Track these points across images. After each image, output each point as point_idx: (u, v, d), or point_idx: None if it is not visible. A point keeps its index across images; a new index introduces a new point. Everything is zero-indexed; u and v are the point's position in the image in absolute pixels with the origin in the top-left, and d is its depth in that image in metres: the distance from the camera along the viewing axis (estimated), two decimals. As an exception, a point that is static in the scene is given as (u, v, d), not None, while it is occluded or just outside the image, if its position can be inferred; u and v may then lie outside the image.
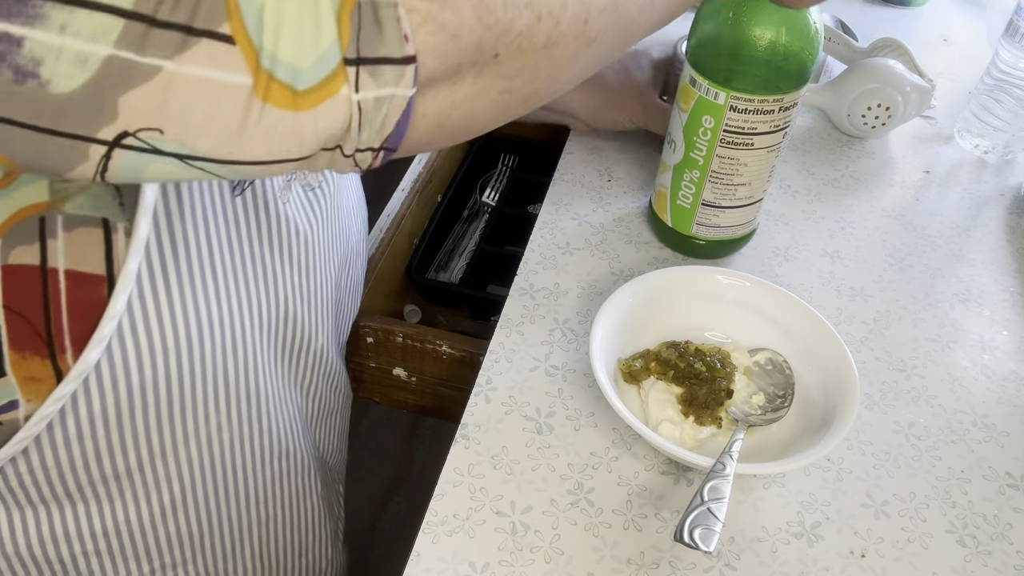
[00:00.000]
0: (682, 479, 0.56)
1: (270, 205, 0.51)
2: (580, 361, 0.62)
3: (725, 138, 0.62)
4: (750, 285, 0.63)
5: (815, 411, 0.57)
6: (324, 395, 0.67)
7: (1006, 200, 0.82)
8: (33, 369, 0.42)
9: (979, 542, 0.53)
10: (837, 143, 0.88)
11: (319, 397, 0.66)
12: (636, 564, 0.51)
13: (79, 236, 0.41)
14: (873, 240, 0.76)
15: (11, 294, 0.41)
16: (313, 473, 0.65)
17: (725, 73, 0.61)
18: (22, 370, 0.42)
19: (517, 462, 0.55)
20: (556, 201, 0.77)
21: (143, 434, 0.49)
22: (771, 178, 0.67)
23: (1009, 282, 0.73)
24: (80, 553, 0.52)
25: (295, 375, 0.61)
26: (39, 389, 0.43)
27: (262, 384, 0.55)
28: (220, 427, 0.53)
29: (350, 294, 0.70)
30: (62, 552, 0.51)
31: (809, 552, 0.52)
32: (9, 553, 0.50)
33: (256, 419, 0.56)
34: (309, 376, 0.63)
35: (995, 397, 0.63)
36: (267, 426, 0.57)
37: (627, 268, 0.71)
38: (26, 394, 0.43)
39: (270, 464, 0.59)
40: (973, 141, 0.88)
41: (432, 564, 0.50)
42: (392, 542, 1.50)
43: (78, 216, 0.41)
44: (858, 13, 1.12)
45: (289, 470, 0.61)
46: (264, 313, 0.53)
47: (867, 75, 0.84)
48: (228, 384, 0.52)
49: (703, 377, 0.58)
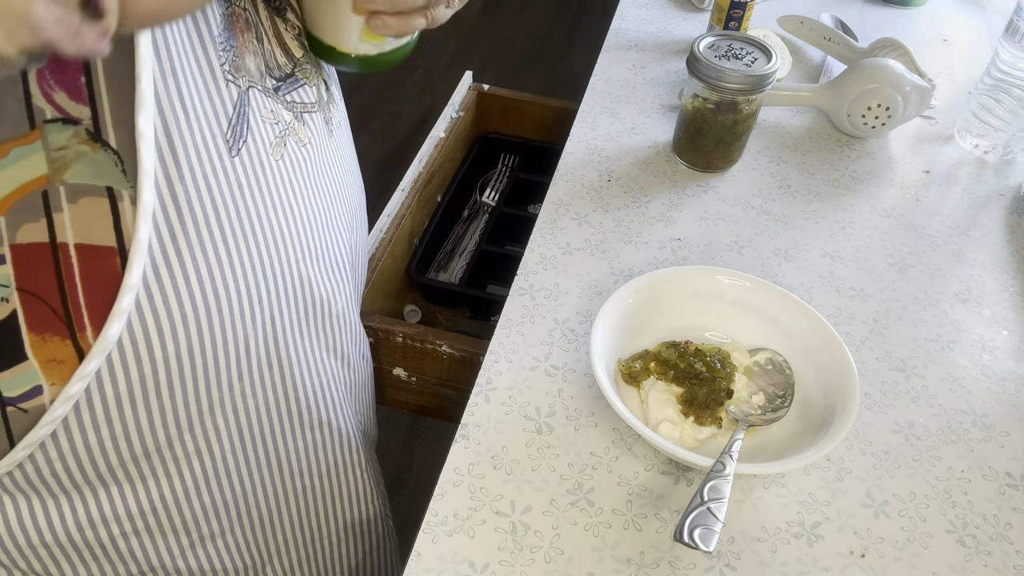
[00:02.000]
0: (682, 479, 0.56)
1: (266, 165, 0.50)
2: (580, 361, 0.62)
3: None
4: (750, 285, 0.63)
5: (815, 411, 0.57)
6: (356, 363, 0.66)
7: (1006, 200, 0.82)
8: (54, 351, 0.42)
9: (979, 542, 0.53)
10: (837, 143, 0.88)
11: (352, 366, 0.65)
12: (636, 564, 0.51)
13: (85, 207, 0.41)
14: (873, 240, 0.76)
15: (24, 275, 0.40)
16: (355, 446, 0.64)
17: None
18: (43, 353, 0.42)
19: (517, 462, 0.55)
20: (556, 201, 0.77)
21: (170, 410, 0.49)
22: None
23: (1009, 282, 0.73)
24: (119, 535, 0.52)
25: (326, 341, 0.60)
26: (62, 371, 0.43)
27: (285, 350, 0.55)
28: (244, 394, 0.53)
29: (360, 263, 0.69)
30: (101, 535, 0.51)
31: (809, 552, 0.52)
32: (48, 541, 0.50)
33: (282, 385, 0.55)
34: (338, 341, 0.62)
35: (995, 397, 0.63)
36: (295, 393, 0.57)
37: (627, 268, 0.71)
38: (49, 378, 0.43)
39: (302, 433, 0.59)
40: (973, 141, 0.88)
41: (432, 564, 0.50)
42: (392, 542, 1.50)
43: (81, 186, 0.41)
44: (858, 13, 1.12)
45: (325, 441, 0.61)
46: (278, 276, 0.53)
47: (867, 75, 0.84)
48: (250, 350, 0.52)
49: (703, 377, 0.58)
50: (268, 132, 0.50)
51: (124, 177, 0.42)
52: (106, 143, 0.41)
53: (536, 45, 2.75)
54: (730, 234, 0.75)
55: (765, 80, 0.75)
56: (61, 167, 0.40)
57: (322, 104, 0.58)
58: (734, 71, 0.74)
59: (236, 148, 0.47)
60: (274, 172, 0.51)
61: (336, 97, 0.62)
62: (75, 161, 0.40)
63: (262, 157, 0.50)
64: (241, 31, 0.48)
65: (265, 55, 0.51)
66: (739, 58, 0.76)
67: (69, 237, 0.41)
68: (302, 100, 0.54)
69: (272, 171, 0.51)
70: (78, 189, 0.41)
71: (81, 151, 0.40)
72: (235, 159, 0.47)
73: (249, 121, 0.48)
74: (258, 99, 0.49)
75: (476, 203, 1.03)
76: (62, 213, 0.40)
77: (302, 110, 0.54)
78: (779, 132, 0.88)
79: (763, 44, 0.77)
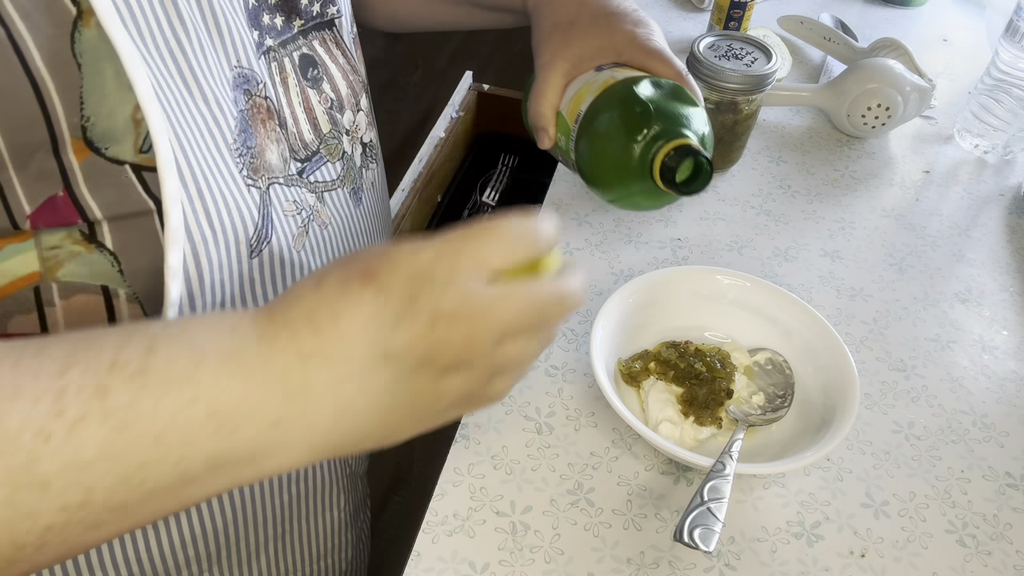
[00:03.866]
0: (682, 479, 0.56)
1: (286, 259, 0.49)
2: (580, 361, 0.62)
3: None
4: (750, 285, 0.63)
5: (815, 411, 0.57)
6: None
7: (1006, 200, 0.82)
8: None
9: (979, 542, 0.53)
10: (837, 143, 0.88)
11: None
12: (636, 564, 0.51)
13: (78, 303, 0.40)
14: (873, 240, 0.76)
15: None
16: (335, 490, 0.64)
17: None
18: None
19: (517, 462, 0.55)
20: (556, 201, 0.77)
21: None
22: None
23: (1009, 282, 0.73)
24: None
25: None
26: None
27: None
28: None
29: None
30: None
31: (809, 552, 0.52)
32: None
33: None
34: None
35: (995, 397, 0.63)
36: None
37: (627, 268, 0.71)
38: None
39: (287, 488, 0.58)
40: (973, 141, 0.88)
41: (432, 564, 0.50)
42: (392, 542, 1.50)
43: (75, 284, 0.40)
44: (858, 13, 1.12)
45: (307, 491, 0.60)
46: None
47: (867, 75, 0.84)
48: None
49: (703, 377, 0.58)
50: (291, 225, 0.49)
51: (121, 277, 0.41)
52: (101, 244, 0.40)
53: (536, 45, 2.74)
54: (730, 234, 0.75)
55: (765, 80, 0.75)
56: (54, 266, 0.39)
57: (350, 175, 0.57)
58: (734, 71, 0.74)
59: (258, 251, 0.46)
60: (293, 263, 0.50)
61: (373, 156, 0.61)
62: (68, 260, 0.40)
63: (283, 252, 0.48)
64: (263, 122, 0.47)
65: (289, 139, 0.50)
66: (739, 58, 0.76)
67: (61, 330, 0.40)
68: (324, 179, 0.53)
69: (290, 262, 0.49)
70: (72, 287, 0.40)
71: (74, 251, 0.39)
72: (253, 260, 0.46)
73: (273, 221, 0.47)
74: (279, 194, 0.48)
75: (476, 203, 1.03)
76: (54, 308, 0.40)
77: (324, 189, 0.53)
78: (779, 132, 0.88)
79: (763, 44, 0.77)
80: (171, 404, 0.31)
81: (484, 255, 0.35)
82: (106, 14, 0.35)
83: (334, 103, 0.55)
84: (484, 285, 0.35)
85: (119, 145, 0.37)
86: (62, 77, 0.35)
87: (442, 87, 2.55)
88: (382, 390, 0.35)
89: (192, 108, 0.40)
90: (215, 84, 0.42)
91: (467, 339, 0.35)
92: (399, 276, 0.34)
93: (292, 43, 0.51)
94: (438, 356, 0.35)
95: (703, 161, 0.57)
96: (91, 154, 0.37)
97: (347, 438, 0.36)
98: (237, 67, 0.44)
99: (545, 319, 0.37)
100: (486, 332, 0.35)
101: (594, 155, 0.60)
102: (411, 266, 0.35)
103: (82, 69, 0.35)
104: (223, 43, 0.43)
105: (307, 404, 0.34)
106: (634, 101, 0.58)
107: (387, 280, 0.34)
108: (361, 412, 0.35)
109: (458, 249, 0.35)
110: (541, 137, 0.64)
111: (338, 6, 0.55)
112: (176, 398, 0.31)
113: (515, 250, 0.36)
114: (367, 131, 0.60)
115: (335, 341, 0.34)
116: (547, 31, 0.63)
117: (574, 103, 0.62)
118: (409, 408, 0.37)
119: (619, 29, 0.62)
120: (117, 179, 0.38)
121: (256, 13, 0.48)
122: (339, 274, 0.35)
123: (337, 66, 0.55)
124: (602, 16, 0.62)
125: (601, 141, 0.60)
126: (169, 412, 0.31)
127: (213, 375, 0.32)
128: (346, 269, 0.35)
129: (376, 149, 0.62)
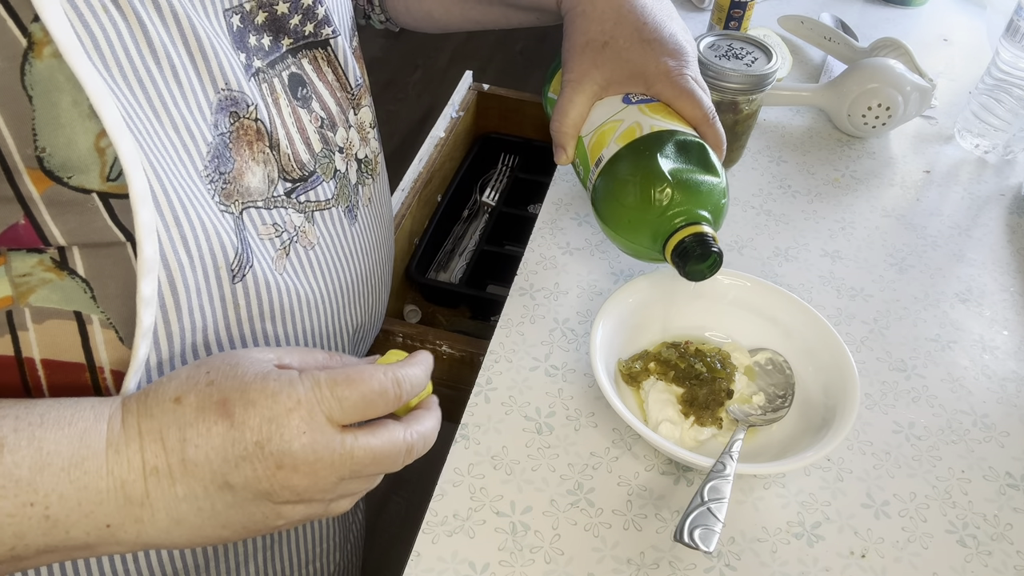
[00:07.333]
0: (682, 479, 0.55)
1: (270, 282, 0.48)
2: (580, 361, 0.62)
3: None
4: (750, 285, 0.63)
5: (815, 411, 0.57)
6: None
7: (1006, 200, 0.82)
8: None
9: (979, 542, 0.53)
10: (837, 143, 0.88)
11: None
12: (636, 564, 0.50)
13: (51, 328, 0.40)
14: (873, 240, 0.76)
15: None
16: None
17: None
18: None
19: (517, 462, 0.55)
20: (556, 201, 0.77)
21: None
22: None
23: (1009, 282, 0.73)
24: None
25: None
26: None
27: None
28: None
29: (373, 327, 0.67)
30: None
31: (809, 552, 0.52)
32: None
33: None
34: None
35: (995, 397, 0.63)
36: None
37: (627, 268, 0.71)
38: None
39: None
40: (973, 141, 0.88)
41: (432, 564, 0.50)
42: (392, 542, 1.50)
43: (47, 309, 0.40)
44: (858, 13, 1.12)
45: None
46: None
47: (867, 75, 0.84)
48: None
49: (703, 378, 0.58)
50: (268, 249, 0.49)
51: (94, 303, 0.41)
52: (73, 271, 0.40)
53: (536, 45, 2.75)
54: (730, 234, 0.75)
55: (765, 80, 0.75)
56: (25, 291, 0.39)
57: (344, 194, 0.56)
58: (734, 71, 0.74)
59: (240, 276, 0.46)
60: (277, 285, 0.49)
61: (370, 171, 0.61)
62: (40, 287, 0.40)
63: (266, 275, 0.48)
64: (250, 143, 0.47)
65: (281, 160, 0.50)
66: (739, 58, 0.76)
67: (35, 353, 0.41)
68: (317, 199, 0.53)
69: (273, 286, 0.49)
70: (44, 312, 0.40)
71: (46, 279, 0.40)
72: (237, 285, 0.46)
73: (250, 245, 0.47)
74: (254, 218, 0.48)
75: (476, 203, 1.03)
76: (27, 332, 0.40)
77: (315, 209, 0.53)
78: (779, 132, 0.88)
79: (763, 44, 0.77)
80: (8, 505, 0.35)
81: (343, 410, 0.38)
82: (69, 46, 0.35)
83: (324, 121, 0.54)
84: (335, 435, 0.38)
85: (84, 174, 0.37)
86: (11, 109, 0.35)
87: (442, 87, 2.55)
88: (219, 510, 0.39)
89: (162, 135, 0.40)
90: (186, 111, 0.42)
91: (309, 485, 0.38)
92: (254, 418, 0.37)
93: (281, 63, 0.51)
94: (277, 495, 0.38)
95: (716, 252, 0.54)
96: (52, 184, 0.37)
97: (180, 540, 0.39)
98: (225, 90, 0.44)
99: (391, 466, 0.41)
100: (329, 479, 0.39)
101: (608, 208, 0.58)
102: (268, 410, 0.37)
103: (33, 101, 0.35)
104: (207, 67, 0.43)
105: (142, 513, 0.37)
106: (657, 174, 0.55)
107: (241, 419, 0.37)
108: (195, 525, 0.38)
109: (318, 399, 0.38)
110: (559, 154, 0.63)
111: (333, 26, 0.55)
112: (14, 500, 0.35)
113: (376, 409, 0.40)
114: (361, 147, 0.59)
115: (179, 464, 0.37)
116: (580, 47, 0.61)
117: (596, 141, 0.60)
118: (245, 523, 0.40)
119: (653, 59, 0.60)
120: (83, 207, 0.38)
121: (242, 35, 0.47)
122: (199, 398, 0.38)
123: (325, 83, 0.55)
124: (637, 43, 0.60)
125: (618, 198, 0.57)
126: (6, 511, 0.35)
127: (52, 483, 0.36)
128: (207, 394, 0.38)
129: (373, 164, 0.62)
